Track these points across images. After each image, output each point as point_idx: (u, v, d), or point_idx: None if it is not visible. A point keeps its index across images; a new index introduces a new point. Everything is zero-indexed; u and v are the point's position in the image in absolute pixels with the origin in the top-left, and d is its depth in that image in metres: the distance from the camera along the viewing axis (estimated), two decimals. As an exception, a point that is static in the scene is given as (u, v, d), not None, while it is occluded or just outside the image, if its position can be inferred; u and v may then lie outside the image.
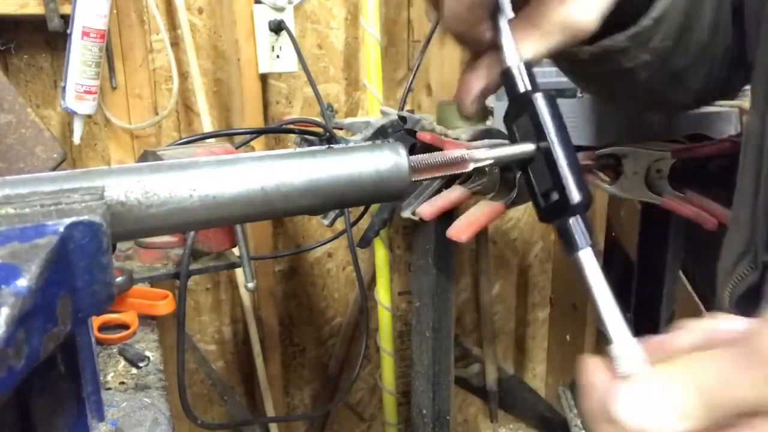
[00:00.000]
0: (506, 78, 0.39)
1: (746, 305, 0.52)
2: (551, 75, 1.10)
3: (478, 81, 0.41)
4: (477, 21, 0.39)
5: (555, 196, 0.36)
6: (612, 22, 0.43)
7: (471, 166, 0.37)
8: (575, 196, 0.36)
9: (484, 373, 1.77)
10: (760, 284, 0.51)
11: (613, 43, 0.51)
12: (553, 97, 0.38)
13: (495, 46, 0.40)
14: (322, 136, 1.13)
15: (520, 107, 0.38)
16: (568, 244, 0.36)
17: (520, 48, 0.39)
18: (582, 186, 0.36)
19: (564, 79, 0.65)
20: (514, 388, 1.85)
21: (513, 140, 0.39)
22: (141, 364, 0.76)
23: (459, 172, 0.37)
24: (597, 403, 0.29)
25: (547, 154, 0.37)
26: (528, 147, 0.37)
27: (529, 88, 0.38)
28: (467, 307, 1.82)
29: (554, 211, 0.37)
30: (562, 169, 0.36)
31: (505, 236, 1.81)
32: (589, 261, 0.35)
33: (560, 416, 1.78)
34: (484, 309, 1.75)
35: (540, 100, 0.37)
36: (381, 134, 1.09)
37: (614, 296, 0.34)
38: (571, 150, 0.37)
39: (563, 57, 0.55)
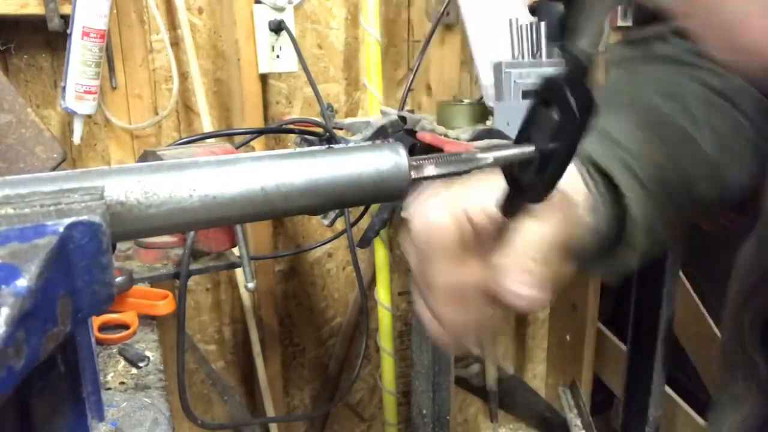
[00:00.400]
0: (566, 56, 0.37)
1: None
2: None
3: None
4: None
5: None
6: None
7: (470, 167, 0.37)
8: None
9: (484, 373, 1.77)
10: None
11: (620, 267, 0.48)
12: (592, 101, 0.35)
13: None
14: (322, 136, 1.13)
15: (551, 96, 0.36)
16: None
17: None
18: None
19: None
20: (514, 388, 1.85)
21: (520, 132, 0.38)
22: (141, 364, 0.76)
23: (459, 171, 0.37)
24: None
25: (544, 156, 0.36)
26: (528, 148, 0.37)
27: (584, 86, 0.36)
28: (467, 307, 1.82)
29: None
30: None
31: (505, 236, 1.81)
32: None
33: (560, 416, 1.78)
34: (484, 309, 1.75)
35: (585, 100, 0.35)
36: (381, 134, 1.09)
37: None
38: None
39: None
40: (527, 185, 0.37)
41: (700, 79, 0.52)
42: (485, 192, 0.39)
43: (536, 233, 0.38)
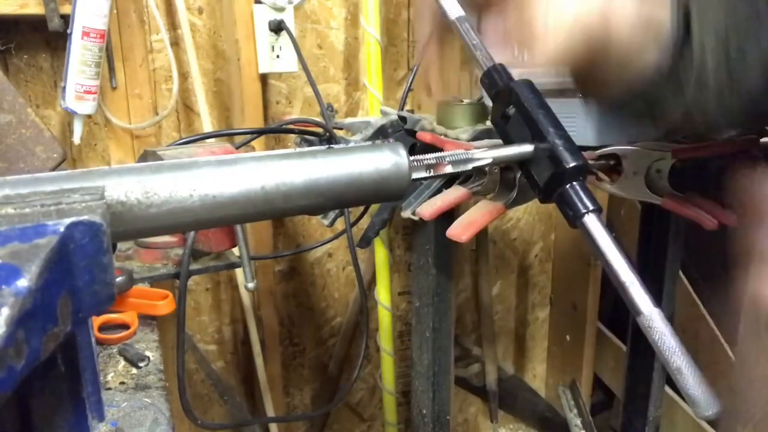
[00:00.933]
0: (486, 81, 0.40)
1: None
2: (551, 75, 1.10)
3: (432, 65, 0.42)
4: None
5: (550, 171, 0.36)
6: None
7: (470, 167, 0.37)
8: (568, 160, 0.35)
9: (484, 373, 1.77)
10: None
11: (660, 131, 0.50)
12: (529, 81, 0.38)
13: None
14: (322, 136, 1.13)
15: (504, 101, 0.39)
16: (571, 213, 0.35)
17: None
18: (575, 152, 0.36)
19: (564, 78, 0.65)
20: (514, 388, 1.85)
21: (505, 140, 0.39)
22: (141, 364, 0.76)
23: (458, 172, 0.37)
24: None
25: (543, 149, 0.37)
26: (526, 147, 0.37)
27: (507, 81, 0.39)
28: (467, 307, 1.82)
29: (552, 184, 0.36)
30: (551, 138, 0.36)
31: (505, 236, 1.81)
32: (594, 225, 0.34)
33: (560, 416, 1.78)
34: (484, 309, 1.75)
35: (520, 86, 0.38)
36: (381, 134, 1.09)
37: (625, 257, 0.33)
38: (558, 123, 0.37)
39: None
40: None
41: None
42: None
43: None
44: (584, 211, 0.34)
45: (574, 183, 0.35)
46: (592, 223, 0.34)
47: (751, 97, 0.53)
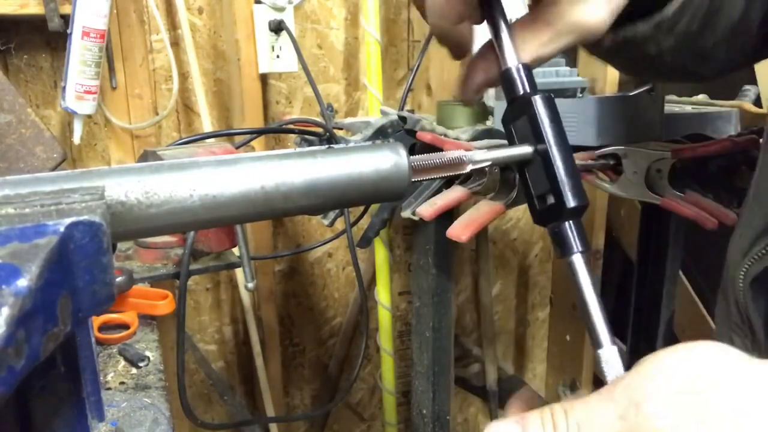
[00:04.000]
0: (505, 79, 0.39)
1: (761, 287, 0.51)
2: (551, 75, 1.10)
3: (480, 74, 0.41)
4: (458, 18, 0.39)
5: (551, 200, 0.37)
6: (633, 9, 0.42)
7: (469, 167, 0.37)
8: (571, 200, 0.36)
9: (484, 373, 1.77)
10: None
11: (636, 33, 0.50)
12: (551, 99, 0.38)
13: (491, 47, 0.41)
14: (322, 136, 1.13)
15: (519, 109, 0.39)
16: (561, 247, 0.37)
17: (530, 47, 0.39)
18: (578, 191, 0.36)
19: (564, 79, 0.64)
20: (514, 388, 1.84)
21: (511, 141, 0.39)
22: (141, 364, 0.76)
23: (458, 172, 0.37)
24: None
25: (544, 157, 0.37)
26: (525, 149, 0.37)
27: (528, 90, 0.38)
28: (467, 307, 1.82)
29: (549, 214, 0.37)
30: (559, 172, 0.36)
31: (505, 236, 1.81)
32: (580, 266, 0.37)
33: (560, 416, 1.78)
34: (484, 309, 1.75)
35: (539, 103, 0.37)
36: (381, 134, 1.09)
37: (599, 300, 0.36)
38: (569, 153, 0.37)
39: (582, 46, 0.55)
40: None
41: None
42: None
43: None
44: (575, 251, 0.37)
45: (571, 222, 0.37)
46: (579, 264, 0.37)
47: (732, 26, 0.54)
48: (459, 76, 0.43)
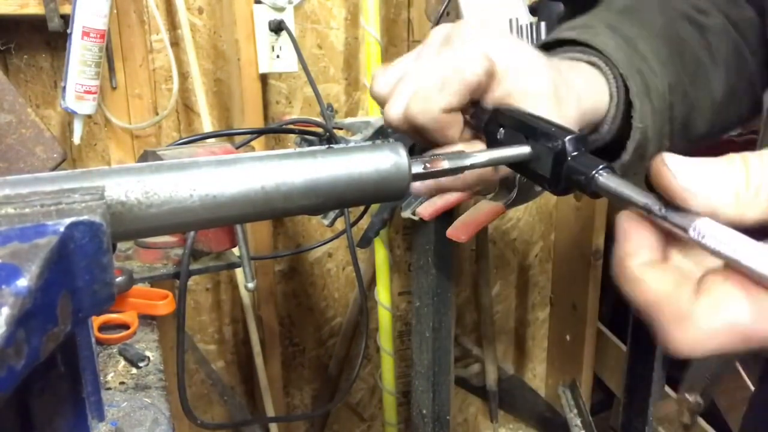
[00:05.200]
0: (472, 120, 0.42)
1: None
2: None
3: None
4: (451, 125, 0.41)
5: (552, 157, 0.36)
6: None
7: (468, 167, 0.37)
8: (561, 134, 0.35)
9: (484, 373, 1.77)
10: None
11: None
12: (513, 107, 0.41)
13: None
14: (322, 136, 1.13)
15: (496, 127, 0.41)
16: (584, 181, 0.33)
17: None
18: (568, 129, 0.36)
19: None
20: (514, 388, 1.85)
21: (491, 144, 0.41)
22: (141, 364, 0.76)
23: (457, 173, 0.37)
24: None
25: (537, 146, 0.37)
26: (524, 149, 0.37)
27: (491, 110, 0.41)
28: (467, 307, 1.82)
29: (558, 166, 0.35)
30: (543, 128, 0.36)
31: (505, 236, 1.81)
32: (612, 179, 0.32)
33: (560, 416, 1.78)
34: (484, 309, 1.75)
35: (506, 108, 0.40)
36: (381, 134, 1.09)
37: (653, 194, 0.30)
38: (549, 120, 0.38)
39: None
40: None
41: (725, 12, 0.54)
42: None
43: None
44: (594, 170, 0.33)
45: (577, 152, 0.34)
46: (609, 179, 0.32)
47: (701, 138, 0.54)
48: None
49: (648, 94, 0.48)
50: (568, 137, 0.35)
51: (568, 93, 0.42)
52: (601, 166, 0.33)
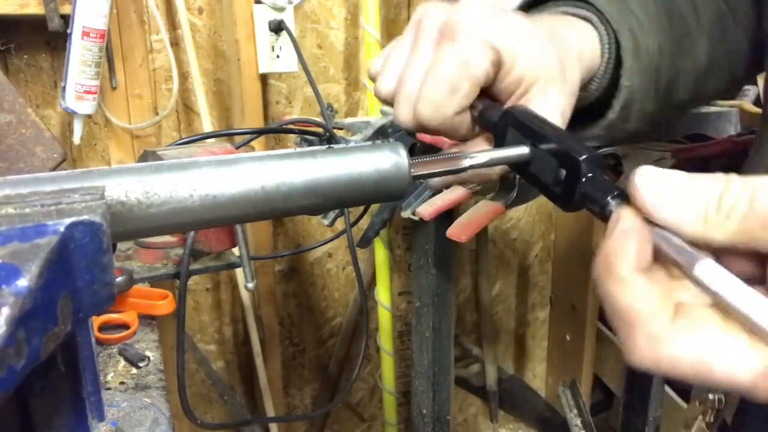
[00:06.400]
0: (481, 121, 0.42)
1: None
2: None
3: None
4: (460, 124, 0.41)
5: (563, 173, 0.34)
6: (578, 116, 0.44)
7: (467, 168, 0.37)
8: (581, 152, 0.33)
9: (484, 373, 1.77)
10: None
11: (589, 134, 0.50)
12: (526, 108, 0.41)
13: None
14: (322, 136, 1.13)
15: (504, 128, 0.40)
16: (598, 211, 0.32)
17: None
18: (583, 146, 0.34)
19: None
20: (514, 388, 1.85)
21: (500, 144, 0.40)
22: (141, 364, 0.76)
23: (457, 173, 0.37)
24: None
25: (540, 151, 0.37)
26: (523, 150, 0.37)
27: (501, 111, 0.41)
28: (467, 307, 1.82)
29: (570, 185, 0.34)
30: (556, 140, 0.36)
31: (505, 236, 1.81)
32: (628, 213, 0.30)
33: (560, 416, 1.78)
34: (484, 309, 1.75)
35: (517, 109, 0.40)
36: (381, 134, 1.09)
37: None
38: (559, 128, 0.38)
39: None
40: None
41: None
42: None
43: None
44: (608, 198, 0.31)
45: (592, 174, 0.33)
46: (625, 212, 0.31)
47: (681, 107, 0.53)
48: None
49: (638, 53, 0.47)
50: (584, 158, 0.33)
51: (570, 60, 0.42)
52: (616, 192, 0.32)
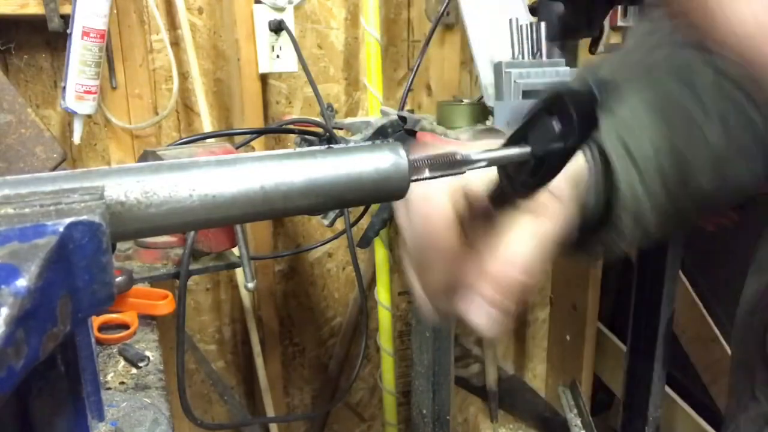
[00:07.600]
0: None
1: None
2: (552, 74, 1.10)
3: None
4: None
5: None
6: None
7: (466, 167, 0.37)
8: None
9: (484, 373, 1.77)
10: None
11: (600, 241, 0.47)
12: None
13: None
14: (322, 136, 1.13)
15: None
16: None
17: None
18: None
19: (564, 78, 0.64)
20: (514, 388, 1.85)
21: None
22: (141, 364, 0.76)
23: (457, 173, 0.37)
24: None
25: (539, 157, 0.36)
26: (523, 150, 0.37)
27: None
28: (467, 307, 1.82)
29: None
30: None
31: (505, 236, 1.81)
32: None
33: (560, 416, 1.78)
34: (484, 309, 1.75)
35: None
36: (381, 134, 1.09)
37: None
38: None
39: None
40: (519, 183, 0.37)
41: (715, 66, 0.51)
42: (481, 173, 0.38)
43: (529, 231, 0.37)
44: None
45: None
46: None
47: (704, 195, 0.51)
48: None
49: (629, 153, 0.45)
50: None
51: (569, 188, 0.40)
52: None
